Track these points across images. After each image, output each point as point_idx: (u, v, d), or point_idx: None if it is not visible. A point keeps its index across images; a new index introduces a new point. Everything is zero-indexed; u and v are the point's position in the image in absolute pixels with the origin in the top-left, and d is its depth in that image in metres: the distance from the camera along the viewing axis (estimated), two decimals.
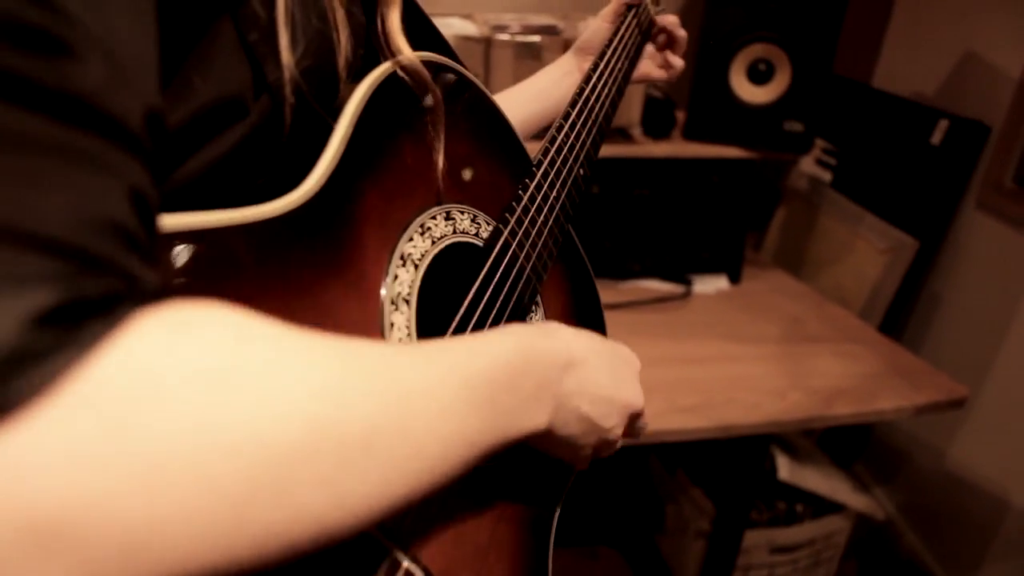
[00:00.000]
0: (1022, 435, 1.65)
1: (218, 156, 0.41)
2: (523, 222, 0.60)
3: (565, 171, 0.67)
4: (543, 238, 0.62)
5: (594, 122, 0.74)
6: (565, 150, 0.67)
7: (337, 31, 0.46)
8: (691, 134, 1.66)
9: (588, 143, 0.72)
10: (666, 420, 1.25)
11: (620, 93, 0.82)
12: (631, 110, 1.56)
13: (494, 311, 0.56)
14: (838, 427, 1.97)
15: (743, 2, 1.54)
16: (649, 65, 0.94)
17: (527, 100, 0.89)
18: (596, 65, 0.78)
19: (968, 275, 1.82)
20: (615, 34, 0.84)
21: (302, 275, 0.42)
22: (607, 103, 0.78)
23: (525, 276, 0.60)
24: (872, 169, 1.98)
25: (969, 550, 1.77)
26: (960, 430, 1.80)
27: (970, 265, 1.81)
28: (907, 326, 1.97)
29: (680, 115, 1.73)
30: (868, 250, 1.94)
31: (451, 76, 0.57)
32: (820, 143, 2.10)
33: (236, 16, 0.40)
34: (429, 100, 0.53)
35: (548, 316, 0.65)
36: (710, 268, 1.77)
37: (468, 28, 1.51)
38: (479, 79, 0.60)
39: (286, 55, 0.42)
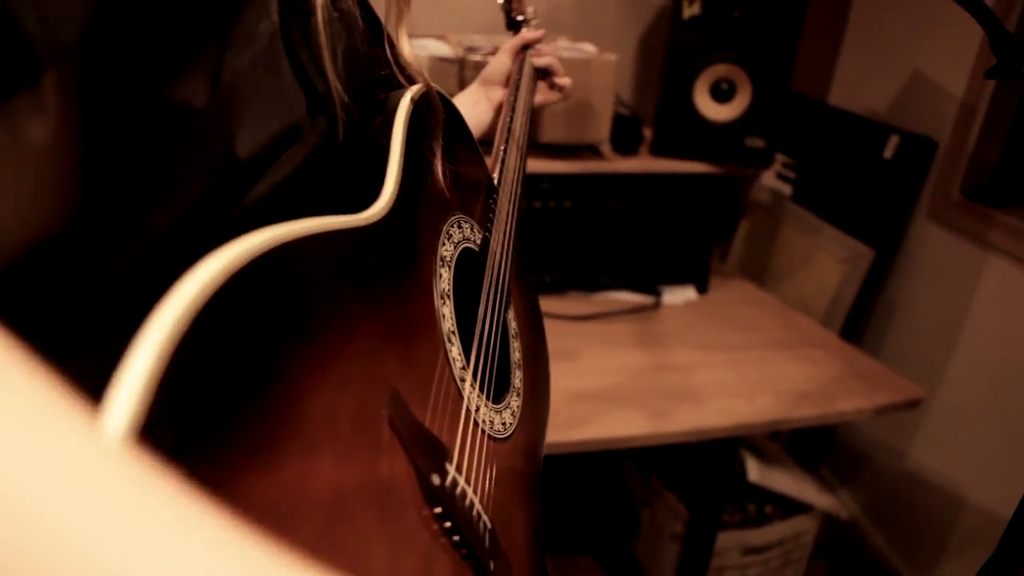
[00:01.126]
0: (975, 434, 1.73)
1: (283, 178, 0.44)
2: (500, 228, 0.69)
3: (512, 186, 0.77)
4: (510, 242, 0.71)
5: (521, 145, 0.87)
6: (510, 168, 0.78)
7: (368, 48, 0.51)
8: (658, 150, 1.72)
9: (520, 162, 0.84)
10: (640, 426, 1.30)
11: (529, 119, 0.98)
12: (600, 128, 1.62)
13: (496, 303, 0.63)
14: (803, 430, 2.04)
15: (706, 25, 1.61)
16: (544, 91, 1.12)
17: None
18: (514, 96, 0.94)
19: (922, 282, 1.91)
20: (520, 72, 1.02)
21: (389, 274, 0.47)
22: (526, 127, 0.93)
23: (505, 277, 0.67)
24: (830, 182, 2.07)
25: (928, 546, 1.85)
26: (917, 431, 1.88)
27: (923, 273, 1.90)
28: (866, 331, 2.06)
29: (647, 132, 1.79)
30: (827, 260, 2.02)
31: (444, 100, 0.64)
32: (780, 158, 2.19)
33: (288, 41, 0.44)
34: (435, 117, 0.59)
35: (515, 311, 0.73)
36: (678, 279, 1.84)
37: (443, 49, 1.55)
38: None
39: (332, 77, 0.46)
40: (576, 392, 1.37)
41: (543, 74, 1.12)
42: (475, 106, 1.06)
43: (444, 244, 0.57)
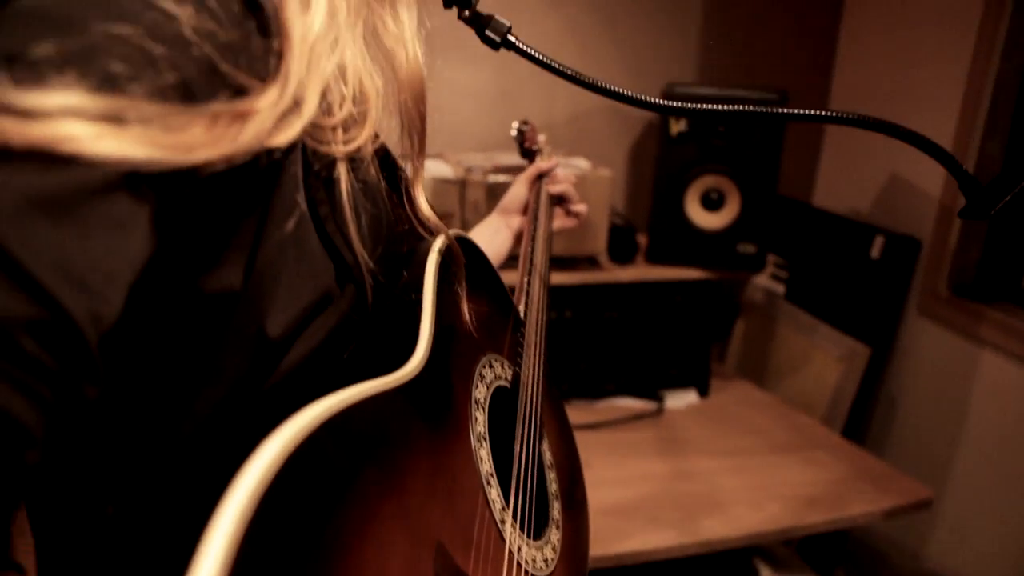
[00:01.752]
0: (988, 530, 1.71)
1: (315, 346, 0.46)
2: (530, 363, 0.70)
3: (538, 315, 0.80)
4: (540, 374, 0.72)
5: (543, 275, 0.90)
6: (535, 300, 0.81)
7: (389, 211, 0.55)
8: (653, 258, 1.78)
9: (544, 291, 0.87)
10: (648, 539, 1.29)
11: (549, 246, 1.02)
12: (597, 239, 1.68)
13: (531, 438, 0.65)
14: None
15: (693, 139, 1.70)
16: (561, 217, 1.15)
17: None
18: (533, 226, 0.99)
19: (920, 378, 1.93)
20: (537, 201, 1.06)
21: (428, 427, 0.49)
22: (547, 255, 0.97)
23: (537, 411, 0.68)
24: (821, 281, 2.12)
25: None
26: (931, 529, 1.86)
27: (920, 369, 1.93)
28: (869, 429, 2.06)
29: (642, 239, 1.86)
30: (825, 358, 2.05)
31: (466, 244, 0.67)
32: (772, 258, 2.25)
33: (315, 214, 0.47)
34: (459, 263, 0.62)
35: (549, 442, 0.74)
36: (679, 383, 1.86)
37: (444, 170, 1.63)
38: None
39: (359, 247, 0.48)
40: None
41: (559, 200, 1.16)
42: (495, 235, 1.09)
43: (477, 386, 0.60)
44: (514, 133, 1.27)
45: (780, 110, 0.58)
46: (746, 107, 0.60)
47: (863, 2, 2.12)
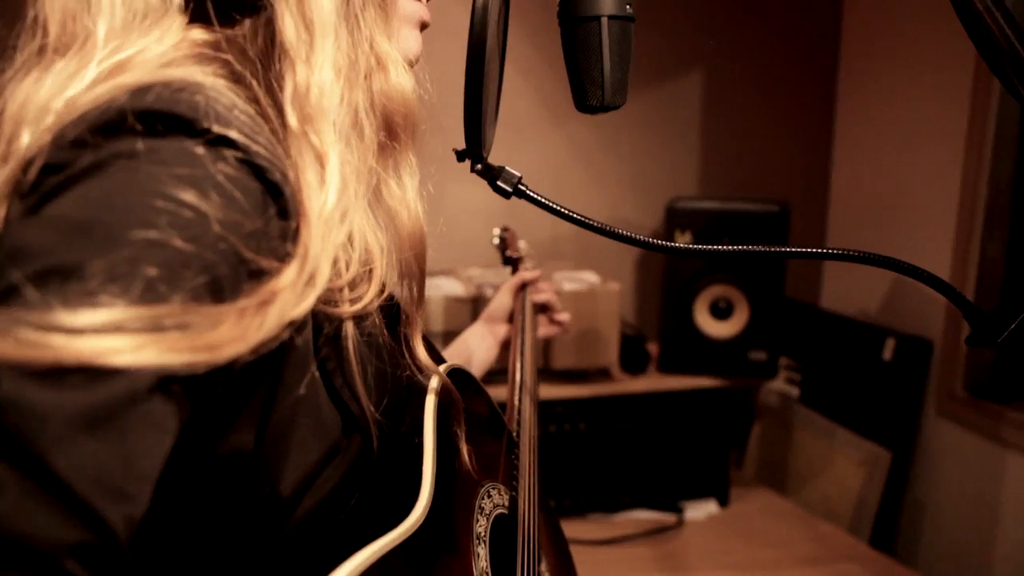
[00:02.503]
0: None
1: (324, 495, 0.48)
2: (526, 486, 0.72)
3: (531, 433, 0.82)
4: (536, 495, 0.74)
5: (533, 391, 0.93)
6: (526, 420, 0.83)
7: (396, 365, 0.56)
8: (665, 367, 1.79)
9: (534, 407, 0.90)
10: None
11: (535, 356, 1.04)
12: (608, 352, 1.70)
13: (530, 563, 0.65)
14: None
15: (700, 251, 1.74)
16: (545, 326, 1.18)
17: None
18: (520, 339, 1.02)
19: (945, 482, 1.89)
20: (522, 312, 1.10)
21: (435, 572, 0.51)
22: (534, 365, 0.99)
23: (535, 528, 0.69)
24: (835, 384, 2.11)
25: None
26: None
27: (944, 472, 1.89)
28: (898, 536, 2.00)
29: (653, 348, 1.87)
30: (845, 463, 2.02)
31: (461, 375, 0.68)
32: (785, 361, 2.25)
33: (323, 370, 0.49)
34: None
35: (547, 561, 0.75)
36: (698, 493, 1.82)
37: (456, 288, 1.66)
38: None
39: (365, 400, 0.50)
40: None
41: (542, 309, 1.19)
42: (481, 343, 1.12)
43: (478, 520, 0.61)
44: (495, 241, 1.31)
45: (784, 248, 0.61)
46: (752, 247, 0.63)
47: (853, 110, 2.21)
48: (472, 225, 2.02)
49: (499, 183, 0.62)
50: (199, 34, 0.49)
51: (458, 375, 0.68)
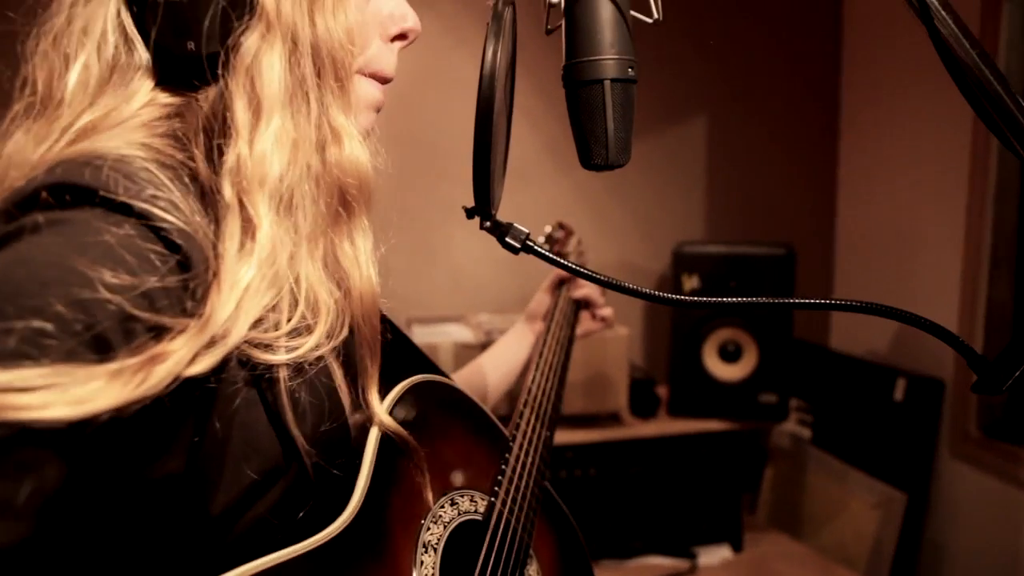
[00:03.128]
0: None
1: (265, 511, 0.53)
2: (510, 490, 0.73)
3: (535, 435, 0.83)
4: (527, 499, 0.75)
5: (552, 386, 0.93)
6: (533, 418, 0.85)
7: (341, 393, 0.60)
8: (675, 411, 1.79)
9: (549, 407, 0.90)
10: None
11: (567, 355, 1.04)
12: (618, 396, 1.70)
13: (501, 561, 0.68)
14: None
15: (706, 294, 1.75)
16: (588, 321, 1.17)
17: (494, 368, 1.10)
18: (544, 340, 1.02)
19: (962, 524, 1.87)
20: (554, 308, 1.09)
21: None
22: (558, 366, 0.99)
23: (518, 536, 0.72)
24: (846, 425, 2.10)
25: None
26: None
27: (961, 514, 1.87)
28: None
29: (662, 391, 1.87)
30: (860, 506, 1.99)
31: (434, 387, 0.72)
32: (795, 402, 2.24)
33: (264, 400, 0.53)
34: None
35: (541, 564, 0.76)
36: (711, 538, 1.80)
37: (465, 335, 1.68)
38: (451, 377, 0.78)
39: (296, 433, 0.54)
40: None
41: (584, 305, 1.16)
42: (521, 341, 1.12)
43: (429, 529, 0.64)
44: (541, 239, 1.26)
45: (789, 300, 0.62)
46: (758, 299, 0.64)
47: (856, 153, 2.23)
48: (480, 272, 2.04)
49: (507, 239, 0.63)
50: (164, 97, 0.54)
51: (447, 391, 0.74)
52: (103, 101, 0.52)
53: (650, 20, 0.60)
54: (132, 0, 0.53)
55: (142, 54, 0.53)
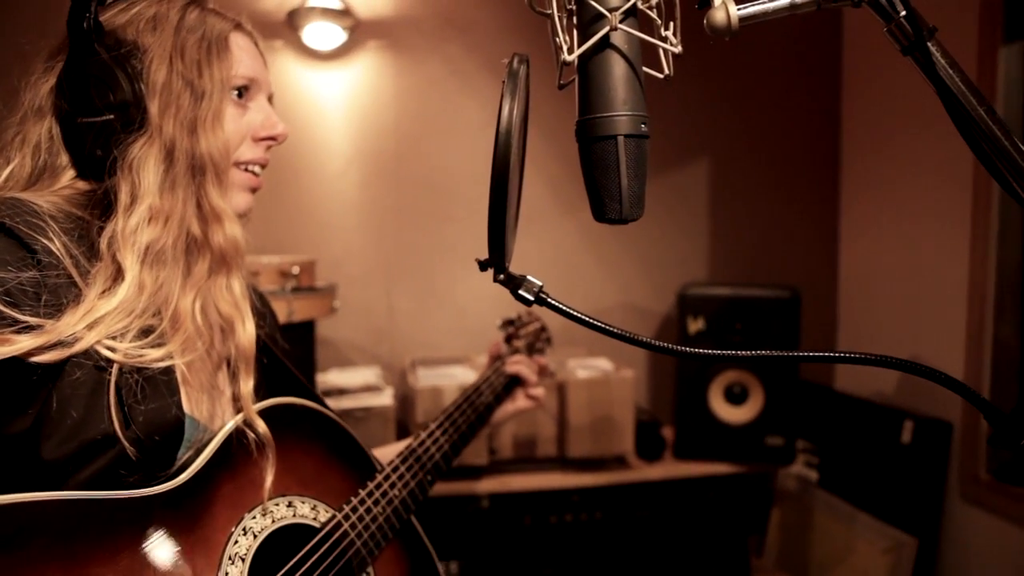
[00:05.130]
0: None
1: (99, 469, 0.68)
2: (358, 509, 0.86)
3: (410, 475, 0.96)
4: (378, 523, 0.88)
5: (449, 440, 1.05)
6: (414, 460, 0.98)
7: (178, 392, 0.74)
8: (681, 454, 1.77)
9: (439, 456, 1.02)
10: None
11: (480, 420, 1.15)
12: (624, 439, 1.69)
13: (317, 571, 0.79)
14: None
15: (711, 337, 1.75)
16: (520, 399, 1.25)
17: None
18: (458, 403, 1.12)
19: (975, 569, 1.84)
20: (482, 379, 1.19)
21: (168, 535, 0.68)
22: (464, 426, 1.10)
23: (355, 548, 0.84)
24: (853, 467, 2.07)
25: None
26: None
27: (974, 559, 1.84)
28: None
29: (668, 432, 1.85)
30: (870, 551, 1.96)
31: (298, 410, 0.86)
32: (802, 444, 2.22)
33: (107, 384, 0.69)
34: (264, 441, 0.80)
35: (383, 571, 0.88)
36: None
37: (469, 376, 1.67)
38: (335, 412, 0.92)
39: (113, 412, 0.68)
40: None
41: (516, 382, 1.24)
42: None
43: (255, 517, 0.75)
44: (498, 322, 1.35)
45: (794, 353, 0.62)
46: (764, 352, 0.64)
47: (857, 195, 2.25)
48: (483, 313, 2.04)
49: (521, 292, 0.63)
50: (82, 184, 0.76)
51: (303, 410, 0.87)
52: (38, 185, 0.75)
53: (661, 76, 0.61)
54: (61, 120, 0.75)
55: (65, 157, 0.76)
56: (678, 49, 0.58)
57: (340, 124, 2.03)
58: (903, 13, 0.57)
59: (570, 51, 0.58)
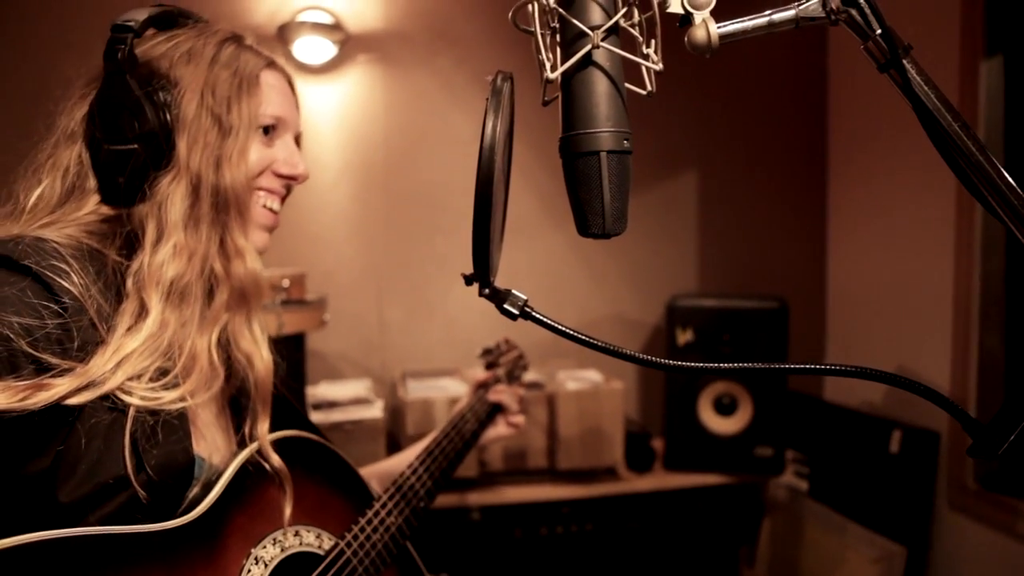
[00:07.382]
0: None
1: (112, 511, 0.67)
2: (359, 536, 0.88)
3: (404, 501, 0.97)
4: (377, 548, 0.90)
5: (439, 467, 1.08)
6: (407, 487, 1.00)
7: (189, 428, 0.74)
8: (671, 465, 1.77)
9: (430, 482, 1.04)
10: None
11: (466, 446, 1.18)
12: (614, 450, 1.69)
13: None
14: None
15: (700, 349, 1.76)
16: (501, 426, 1.27)
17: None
18: (446, 431, 1.14)
19: None
20: (467, 407, 1.22)
21: (186, 568, 0.69)
22: (452, 452, 1.13)
23: (357, 573, 0.86)
24: (843, 477, 2.08)
25: None
26: None
27: (963, 568, 1.85)
28: None
29: (658, 444, 1.86)
30: (859, 560, 1.97)
31: (302, 442, 0.89)
32: (792, 454, 2.23)
33: (122, 426, 0.68)
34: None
35: None
36: None
37: (459, 389, 1.67)
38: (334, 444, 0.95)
39: (127, 454, 0.68)
40: None
41: (498, 409, 1.27)
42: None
43: (265, 547, 0.77)
44: (478, 351, 1.39)
45: (784, 365, 0.63)
46: (752, 365, 0.65)
47: (845, 205, 2.27)
48: (474, 325, 2.05)
49: (505, 306, 0.64)
50: (106, 210, 0.76)
51: (308, 444, 0.90)
52: (65, 208, 0.76)
53: (644, 92, 0.62)
54: (90, 145, 0.76)
55: (92, 182, 0.76)
56: (659, 67, 0.59)
57: (330, 137, 2.04)
58: (879, 31, 0.58)
59: (553, 68, 0.59)
